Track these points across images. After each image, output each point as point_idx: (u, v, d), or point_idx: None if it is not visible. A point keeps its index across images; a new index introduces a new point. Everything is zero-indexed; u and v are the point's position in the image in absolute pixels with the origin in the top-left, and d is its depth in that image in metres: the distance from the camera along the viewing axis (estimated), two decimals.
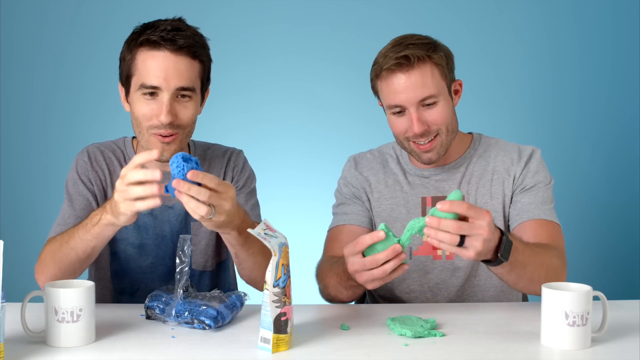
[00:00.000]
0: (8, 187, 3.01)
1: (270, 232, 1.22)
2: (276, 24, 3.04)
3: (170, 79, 1.50)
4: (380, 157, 1.81)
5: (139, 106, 1.53)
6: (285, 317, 1.22)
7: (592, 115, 3.05)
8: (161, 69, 1.49)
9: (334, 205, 1.80)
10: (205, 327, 1.34)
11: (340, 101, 3.06)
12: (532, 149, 1.74)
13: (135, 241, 1.66)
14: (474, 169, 1.73)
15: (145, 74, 1.50)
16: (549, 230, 1.63)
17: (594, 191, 3.06)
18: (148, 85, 1.50)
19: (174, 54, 1.50)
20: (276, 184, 2.87)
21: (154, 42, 1.50)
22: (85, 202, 1.63)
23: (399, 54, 1.59)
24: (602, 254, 3.05)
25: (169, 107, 1.50)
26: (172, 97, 1.51)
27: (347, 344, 1.28)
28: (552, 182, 1.71)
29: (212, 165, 1.73)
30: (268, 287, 1.21)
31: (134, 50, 1.53)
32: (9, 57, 3.00)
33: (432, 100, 1.61)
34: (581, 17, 3.03)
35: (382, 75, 1.62)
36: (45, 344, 1.24)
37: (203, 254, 1.69)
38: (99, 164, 1.66)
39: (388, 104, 1.64)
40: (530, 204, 1.66)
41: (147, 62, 1.50)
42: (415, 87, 1.59)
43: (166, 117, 1.50)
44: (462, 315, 1.46)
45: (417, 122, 1.60)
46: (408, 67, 1.58)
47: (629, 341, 1.29)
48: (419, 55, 1.59)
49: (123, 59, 1.57)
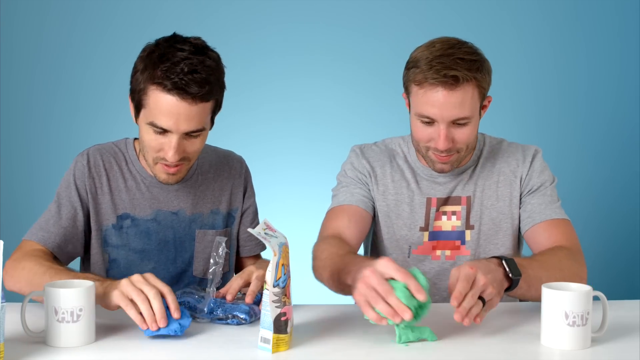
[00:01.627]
0: (8, 187, 3.01)
1: (270, 232, 1.22)
2: (276, 24, 3.04)
3: (181, 124, 1.47)
4: (386, 151, 1.78)
5: (148, 137, 1.52)
6: (285, 317, 1.22)
7: (596, 117, 3.05)
8: (172, 115, 1.46)
9: (335, 187, 1.76)
10: (242, 322, 1.38)
11: (340, 101, 3.06)
12: (535, 149, 1.74)
13: (137, 246, 1.65)
14: (480, 171, 1.73)
15: (156, 114, 1.47)
16: (561, 229, 1.63)
17: (595, 192, 3.06)
18: (158, 125, 1.48)
19: (185, 101, 1.46)
20: (276, 184, 2.87)
21: (168, 88, 1.45)
22: (72, 212, 1.60)
23: (449, 72, 1.52)
24: (603, 254, 3.04)
25: (177, 148, 1.50)
26: (180, 137, 1.50)
27: (347, 344, 1.28)
28: (556, 181, 1.72)
29: (216, 173, 1.72)
30: (268, 287, 1.21)
31: (147, 83, 1.48)
32: (9, 57, 3.00)
33: (465, 121, 1.57)
34: (586, 18, 3.03)
35: (422, 85, 1.55)
36: (45, 344, 1.24)
37: (206, 262, 1.68)
38: (97, 169, 1.64)
39: (419, 113, 1.59)
40: (540, 205, 1.66)
41: (159, 103, 1.47)
42: (454, 106, 1.54)
43: (173, 157, 1.50)
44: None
45: (445, 139, 1.57)
46: (453, 86, 1.53)
47: (629, 341, 1.29)
48: (468, 77, 1.53)
49: (136, 80, 1.51)
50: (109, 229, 1.63)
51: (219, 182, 1.72)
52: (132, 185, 1.65)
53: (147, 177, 1.66)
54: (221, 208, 1.71)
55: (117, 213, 1.63)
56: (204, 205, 1.69)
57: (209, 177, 1.71)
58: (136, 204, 1.64)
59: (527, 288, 1.40)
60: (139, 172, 1.66)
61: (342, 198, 1.71)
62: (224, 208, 1.72)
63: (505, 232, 1.70)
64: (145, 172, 1.66)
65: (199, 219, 1.68)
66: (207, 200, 1.70)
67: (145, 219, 1.64)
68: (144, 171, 1.66)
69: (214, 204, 1.71)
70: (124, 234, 1.64)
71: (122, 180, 1.65)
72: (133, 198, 1.64)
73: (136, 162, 1.66)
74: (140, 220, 1.64)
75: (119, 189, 1.64)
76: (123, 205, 1.64)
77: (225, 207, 1.72)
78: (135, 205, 1.64)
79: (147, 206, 1.65)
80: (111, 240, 1.63)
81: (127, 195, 1.64)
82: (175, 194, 1.66)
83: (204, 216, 1.69)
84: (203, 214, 1.69)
